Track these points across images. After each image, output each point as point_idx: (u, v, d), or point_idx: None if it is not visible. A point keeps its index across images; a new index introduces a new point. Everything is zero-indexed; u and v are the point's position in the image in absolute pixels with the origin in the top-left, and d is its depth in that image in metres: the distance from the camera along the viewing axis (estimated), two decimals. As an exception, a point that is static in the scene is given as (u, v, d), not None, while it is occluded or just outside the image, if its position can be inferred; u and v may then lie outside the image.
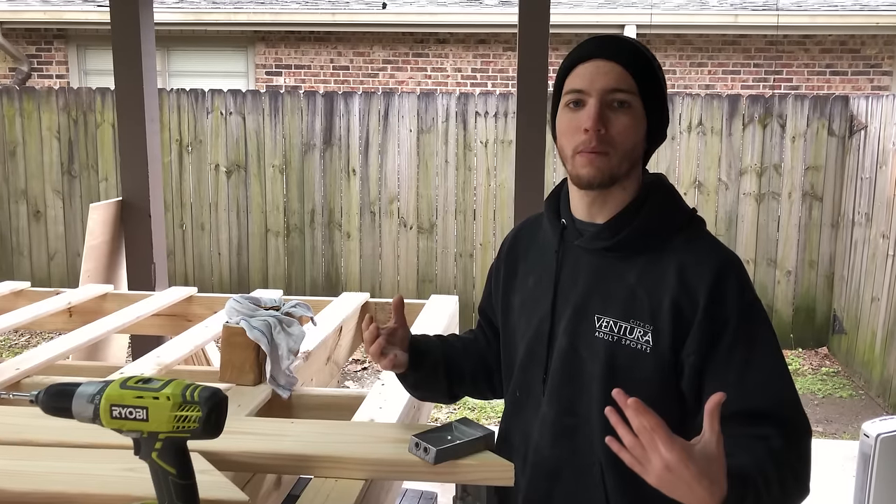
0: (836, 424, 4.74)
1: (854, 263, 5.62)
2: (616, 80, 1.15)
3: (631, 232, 1.19)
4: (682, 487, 0.93)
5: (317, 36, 7.57)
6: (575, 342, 1.21)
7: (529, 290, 1.30)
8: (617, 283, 1.19)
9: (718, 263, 1.16)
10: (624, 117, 1.15)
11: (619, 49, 1.17)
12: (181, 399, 0.98)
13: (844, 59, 7.33)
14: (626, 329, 1.16)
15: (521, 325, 1.30)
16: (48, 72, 7.78)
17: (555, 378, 1.23)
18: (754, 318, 1.14)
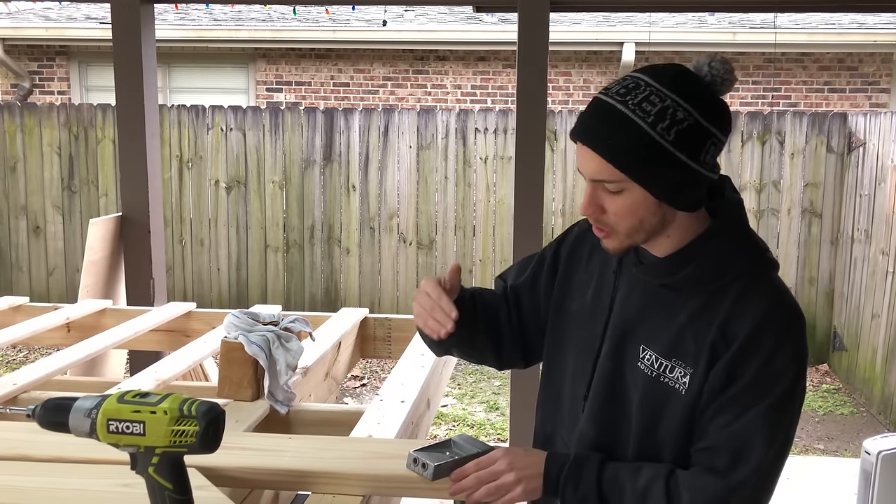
0: (836, 442, 4.71)
1: (854, 280, 5.62)
2: (598, 172, 1.10)
3: (689, 273, 1.14)
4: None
5: (317, 53, 7.62)
6: (620, 368, 1.20)
7: (587, 302, 1.28)
8: (667, 318, 1.16)
9: (762, 320, 1.11)
10: (618, 199, 1.11)
11: (602, 137, 1.09)
12: (178, 413, 0.98)
13: (842, 77, 7.37)
14: (667, 367, 1.15)
15: (573, 335, 1.30)
16: (50, 88, 7.82)
17: (597, 398, 1.22)
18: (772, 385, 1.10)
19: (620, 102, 1.08)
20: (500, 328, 1.38)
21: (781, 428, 1.11)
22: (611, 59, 7.43)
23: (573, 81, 7.56)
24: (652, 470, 1.14)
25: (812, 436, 4.81)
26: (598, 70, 7.52)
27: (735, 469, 1.09)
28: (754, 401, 1.09)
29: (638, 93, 1.08)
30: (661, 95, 1.07)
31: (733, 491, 1.09)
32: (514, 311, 1.38)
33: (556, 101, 7.49)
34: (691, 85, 1.09)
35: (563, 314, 1.32)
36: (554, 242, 1.39)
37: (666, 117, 1.06)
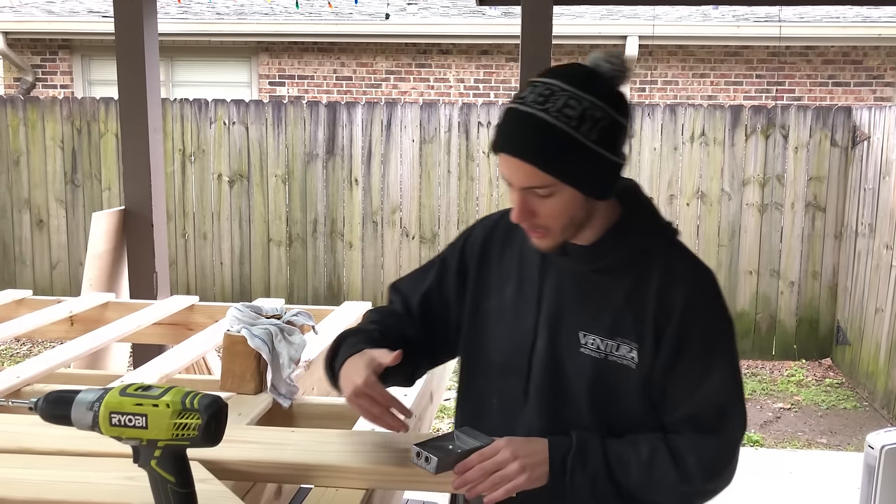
0: (840, 436, 4.71)
1: (857, 274, 5.60)
2: (528, 179, 1.14)
3: (617, 255, 1.23)
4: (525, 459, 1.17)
5: (320, 46, 7.60)
6: (559, 357, 1.25)
7: (508, 299, 1.31)
8: (604, 300, 1.23)
9: (691, 286, 1.22)
10: (549, 202, 1.16)
11: (526, 144, 1.13)
12: (181, 406, 0.98)
13: (847, 71, 7.34)
14: (613, 346, 1.22)
15: (496, 333, 1.32)
16: (52, 82, 7.82)
17: (542, 391, 1.27)
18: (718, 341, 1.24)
19: (542, 111, 1.12)
20: (411, 348, 1.34)
21: (738, 370, 1.26)
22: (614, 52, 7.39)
23: (576, 75, 7.53)
24: (649, 441, 1.22)
25: (815, 430, 4.80)
26: (602, 64, 7.49)
27: (724, 424, 1.23)
28: (712, 359, 1.22)
29: (555, 99, 1.12)
30: (578, 98, 1.12)
31: (732, 442, 1.24)
32: (420, 324, 1.39)
33: (560, 94, 7.46)
34: (600, 84, 1.15)
35: (480, 315, 1.34)
36: (457, 244, 1.41)
37: (587, 119, 1.12)
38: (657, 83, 7.46)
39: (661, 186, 6.01)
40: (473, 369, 1.37)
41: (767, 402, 5.25)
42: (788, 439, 4.65)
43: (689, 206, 6.01)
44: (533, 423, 1.27)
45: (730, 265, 6.01)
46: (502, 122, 1.18)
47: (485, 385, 1.34)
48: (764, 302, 6.02)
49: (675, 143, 5.98)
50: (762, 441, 4.57)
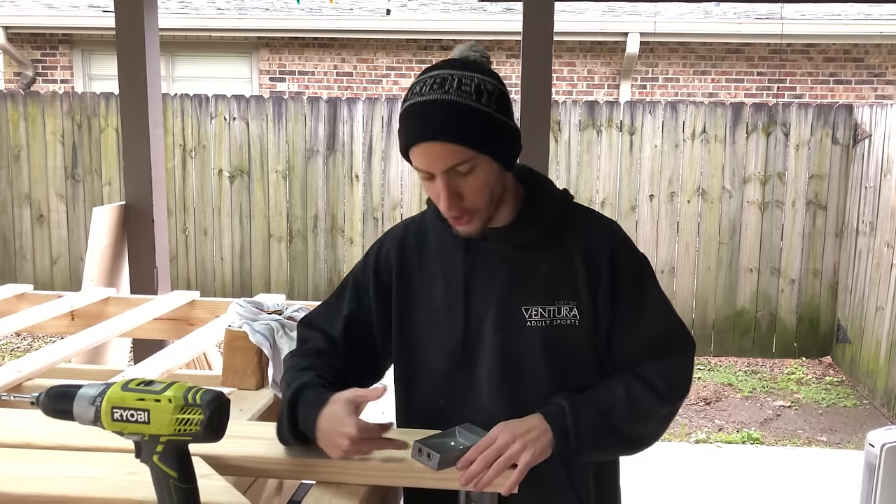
0: (840, 434, 4.71)
1: (858, 273, 5.60)
2: (450, 158, 1.18)
3: (534, 229, 1.31)
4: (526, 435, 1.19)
5: (321, 42, 7.59)
6: (506, 338, 1.30)
7: (437, 301, 1.33)
8: (533, 273, 1.30)
9: (607, 237, 1.34)
10: (471, 179, 1.21)
11: (442, 125, 1.18)
12: (183, 402, 0.98)
13: (848, 69, 7.33)
14: (554, 311, 1.29)
15: (430, 338, 1.33)
16: (53, 76, 7.81)
17: (494, 376, 1.31)
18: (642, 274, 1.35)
19: (443, 94, 1.19)
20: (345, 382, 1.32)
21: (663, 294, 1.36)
22: (615, 49, 7.39)
23: (577, 72, 7.53)
24: (619, 380, 1.30)
25: (815, 428, 4.81)
26: (603, 61, 7.49)
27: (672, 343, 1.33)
28: (644, 291, 1.33)
29: (450, 82, 1.20)
30: (468, 77, 1.21)
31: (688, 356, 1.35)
32: (347, 353, 1.39)
33: (560, 91, 7.46)
34: (477, 64, 1.26)
35: (410, 325, 1.35)
36: (367, 265, 1.40)
37: (483, 92, 1.20)
38: (658, 80, 7.46)
39: (662, 184, 6.00)
40: (412, 379, 1.38)
41: (767, 399, 5.25)
42: (788, 437, 4.65)
43: (690, 203, 6.00)
44: (497, 413, 1.28)
45: (730, 263, 6.01)
46: (407, 118, 1.21)
47: (428, 391, 1.36)
48: (764, 300, 6.02)
49: (676, 140, 5.97)
50: (762, 439, 4.57)
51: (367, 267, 1.41)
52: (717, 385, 5.46)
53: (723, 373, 5.73)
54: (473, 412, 1.32)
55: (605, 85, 7.52)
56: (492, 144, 1.21)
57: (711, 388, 5.40)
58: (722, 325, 6.05)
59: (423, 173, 1.23)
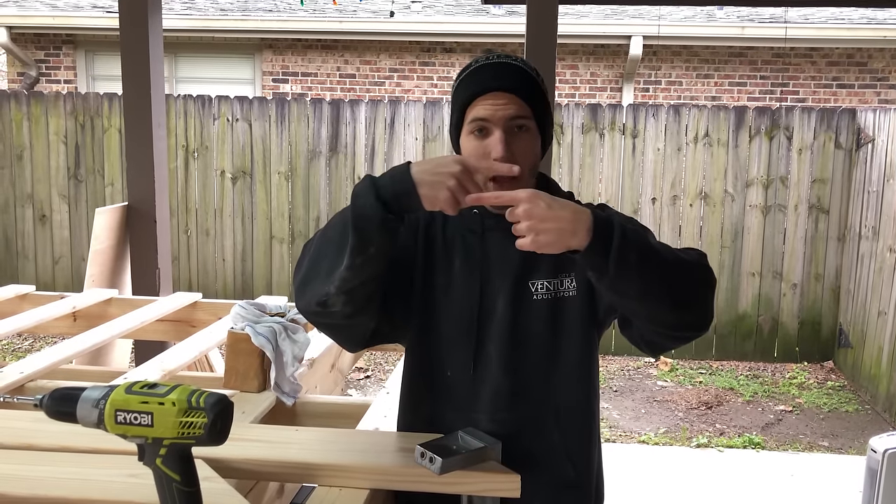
0: (841, 439, 4.70)
1: (860, 277, 5.59)
2: (516, 110, 1.27)
3: None
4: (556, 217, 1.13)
5: (324, 44, 7.60)
6: (517, 312, 1.34)
7: (456, 273, 1.36)
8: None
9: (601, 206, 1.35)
10: (525, 140, 1.29)
11: (514, 80, 1.28)
12: (187, 405, 0.97)
13: (851, 73, 7.33)
14: (557, 283, 1.34)
15: (449, 305, 1.36)
16: (56, 77, 7.82)
17: (503, 350, 1.33)
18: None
19: (512, 61, 1.32)
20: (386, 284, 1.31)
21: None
22: (618, 52, 7.39)
23: (580, 75, 7.53)
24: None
25: (817, 433, 4.80)
26: (606, 63, 7.49)
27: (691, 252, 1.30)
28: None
29: (518, 58, 1.34)
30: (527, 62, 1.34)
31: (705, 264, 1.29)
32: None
33: (563, 94, 7.46)
34: None
35: (429, 289, 1.37)
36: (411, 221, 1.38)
37: (539, 75, 1.34)
38: (661, 83, 7.45)
39: (665, 187, 6.00)
40: (424, 344, 1.39)
41: (769, 404, 5.25)
42: (790, 442, 4.64)
43: (693, 206, 6.00)
44: (501, 384, 1.33)
45: (732, 266, 6.00)
46: (475, 73, 1.30)
47: (437, 358, 1.37)
48: (766, 304, 6.02)
49: (678, 143, 5.97)
50: (763, 443, 4.56)
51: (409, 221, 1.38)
52: (719, 389, 5.45)
53: (724, 377, 5.73)
54: (478, 383, 1.35)
55: (608, 88, 7.52)
56: (544, 118, 1.32)
57: (713, 392, 5.39)
58: (724, 329, 6.05)
59: (478, 125, 1.27)
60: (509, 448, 1.29)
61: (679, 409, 5.11)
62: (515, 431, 1.33)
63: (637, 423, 4.86)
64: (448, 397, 1.37)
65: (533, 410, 1.35)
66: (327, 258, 1.21)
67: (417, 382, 1.41)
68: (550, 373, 1.35)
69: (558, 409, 1.35)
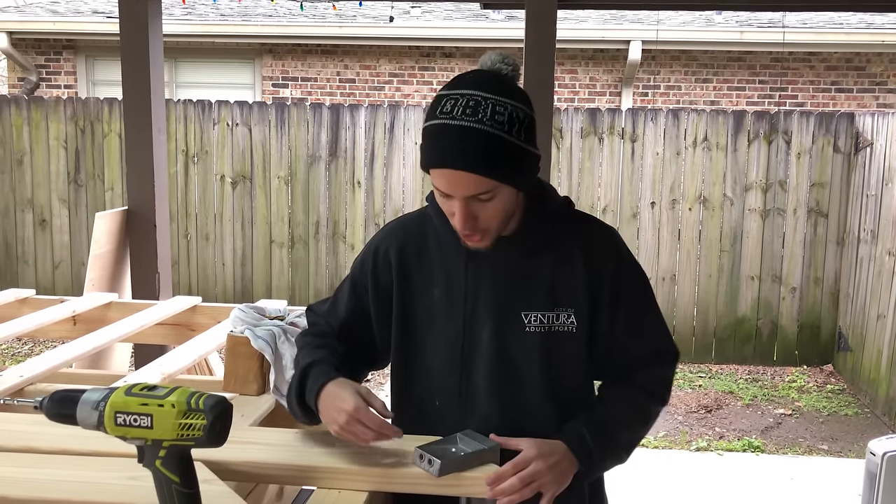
0: (841, 443, 4.70)
1: (860, 280, 5.60)
2: (476, 187, 1.19)
3: (539, 236, 1.32)
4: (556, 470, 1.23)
5: (324, 49, 7.62)
6: (505, 342, 1.31)
7: (437, 301, 1.34)
8: (535, 279, 1.31)
9: (611, 247, 1.37)
10: (490, 205, 1.22)
11: (473, 155, 1.17)
12: (186, 407, 0.98)
13: (850, 77, 7.35)
14: (553, 317, 1.31)
15: (428, 336, 1.35)
16: (57, 82, 7.83)
17: (491, 379, 1.32)
18: (644, 284, 1.39)
19: (476, 122, 1.17)
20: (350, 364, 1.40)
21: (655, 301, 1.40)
22: (617, 56, 7.41)
23: (579, 79, 7.55)
24: (621, 391, 1.37)
25: (816, 436, 4.80)
26: (605, 68, 7.51)
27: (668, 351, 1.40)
28: (644, 301, 1.37)
29: (483, 109, 1.17)
30: (502, 104, 1.18)
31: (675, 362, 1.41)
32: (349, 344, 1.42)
33: (562, 98, 7.47)
34: (510, 85, 1.23)
35: (410, 324, 1.36)
36: (365, 264, 1.41)
37: (514, 122, 1.19)
38: (660, 88, 7.47)
39: (664, 191, 6.01)
40: (409, 376, 1.39)
41: (768, 407, 5.25)
42: (789, 445, 4.64)
43: (692, 210, 6.01)
44: (489, 413, 1.33)
45: (731, 270, 6.01)
46: (434, 137, 1.20)
47: (424, 389, 1.37)
48: (765, 307, 6.02)
49: (677, 147, 5.98)
50: (763, 447, 4.56)
51: (364, 267, 1.42)
52: (718, 393, 5.46)
53: (724, 381, 5.73)
54: (468, 413, 1.34)
55: (607, 92, 7.54)
56: (516, 176, 1.22)
57: (712, 395, 5.39)
58: (723, 333, 6.05)
59: (441, 192, 1.24)
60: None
61: (678, 413, 5.11)
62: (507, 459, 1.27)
63: (637, 427, 4.86)
64: (434, 426, 1.35)
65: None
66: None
67: (405, 410, 1.41)
68: (544, 406, 1.33)
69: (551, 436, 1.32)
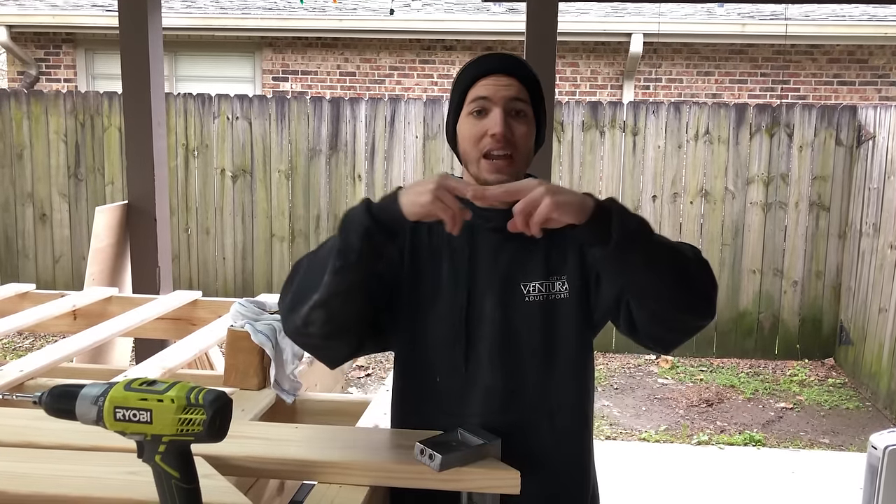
0: (842, 436, 4.70)
1: (861, 274, 5.59)
2: (517, 91, 1.32)
3: None
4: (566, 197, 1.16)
5: (324, 42, 7.59)
6: (508, 313, 1.34)
7: (444, 275, 1.36)
8: (531, 249, 1.35)
9: None
10: (522, 124, 1.33)
11: (516, 66, 1.34)
12: (186, 402, 0.97)
13: (852, 70, 7.32)
14: (549, 286, 1.35)
15: (436, 309, 1.36)
16: (56, 75, 7.82)
17: (493, 349, 1.34)
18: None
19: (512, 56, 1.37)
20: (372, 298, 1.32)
21: None
22: (619, 49, 7.39)
23: (580, 72, 7.52)
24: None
25: (817, 430, 4.80)
26: (606, 61, 7.48)
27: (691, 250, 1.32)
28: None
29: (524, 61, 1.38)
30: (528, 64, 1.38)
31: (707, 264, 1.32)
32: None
33: (563, 91, 7.45)
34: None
35: (417, 294, 1.37)
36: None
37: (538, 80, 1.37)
38: (661, 81, 7.45)
39: (665, 184, 6.00)
40: (413, 352, 1.39)
41: (770, 401, 5.25)
42: (791, 439, 4.64)
43: (693, 204, 6.00)
44: (491, 385, 1.34)
45: (733, 264, 6.00)
46: (477, 60, 1.35)
47: (426, 366, 1.37)
48: (767, 301, 6.01)
49: (679, 140, 5.96)
50: (764, 440, 4.56)
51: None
52: (720, 387, 5.45)
53: (725, 374, 5.73)
54: (469, 387, 1.35)
55: (609, 85, 7.52)
56: (540, 111, 1.36)
57: (713, 389, 5.39)
58: (724, 327, 6.04)
59: (479, 105, 1.31)
60: (502, 449, 1.29)
61: (680, 407, 5.11)
62: (508, 433, 1.32)
63: (638, 421, 4.86)
64: (438, 402, 1.37)
65: (526, 412, 1.35)
66: (317, 274, 1.23)
67: (407, 388, 1.41)
68: (543, 375, 1.36)
69: (552, 411, 1.36)
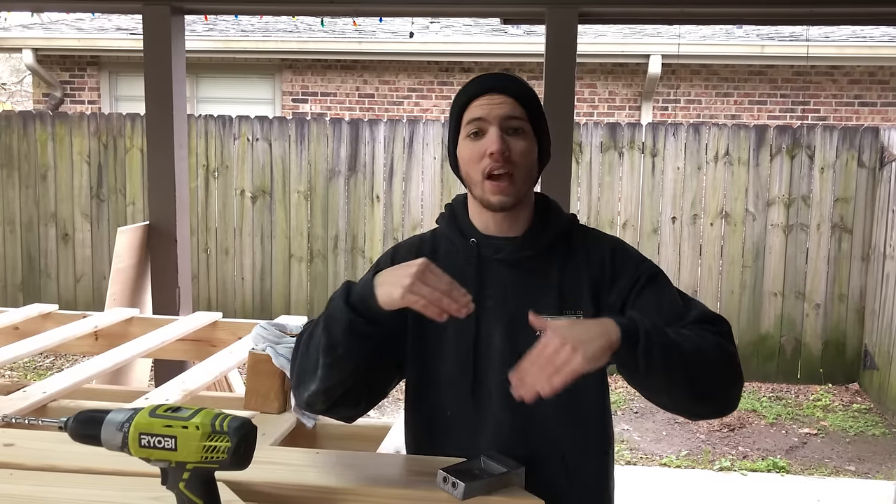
0: (868, 464, 4.61)
1: (886, 297, 5.51)
2: (511, 109, 1.31)
3: (546, 237, 1.36)
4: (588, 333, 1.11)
5: (343, 64, 7.66)
6: (517, 346, 1.29)
7: None
8: (544, 282, 1.33)
9: (614, 244, 1.39)
10: (521, 141, 1.31)
11: (509, 83, 1.33)
12: (210, 429, 0.97)
13: (873, 91, 7.27)
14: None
15: (444, 345, 1.34)
16: (80, 97, 7.94)
17: (505, 383, 1.25)
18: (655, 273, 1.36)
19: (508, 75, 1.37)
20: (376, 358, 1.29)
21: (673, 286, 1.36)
22: (637, 71, 7.39)
23: (599, 93, 7.53)
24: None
25: (843, 457, 4.70)
26: (624, 82, 7.49)
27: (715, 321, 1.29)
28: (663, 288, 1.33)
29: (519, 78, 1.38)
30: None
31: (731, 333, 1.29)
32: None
33: (582, 113, 7.46)
34: None
35: (424, 333, 1.35)
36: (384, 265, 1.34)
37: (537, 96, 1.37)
38: (680, 102, 7.43)
39: (685, 206, 5.96)
40: (422, 388, 1.37)
41: (793, 426, 5.16)
42: (815, 466, 4.55)
43: (713, 226, 5.95)
44: (502, 419, 1.31)
45: (754, 286, 5.94)
46: (472, 81, 1.35)
47: (436, 400, 1.36)
48: (789, 324, 5.94)
49: (698, 162, 5.94)
50: (788, 467, 4.48)
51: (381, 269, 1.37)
52: (741, 411, 5.37)
53: (747, 399, 5.64)
54: (480, 421, 1.33)
55: (627, 107, 7.51)
56: (540, 128, 1.35)
57: (735, 414, 5.31)
58: (745, 350, 5.97)
59: (475, 126, 1.30)
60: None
61: (701, 431, 5.04)
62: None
63: (658, 446, 4.80)
64: (448, 437, 1.34)
65: (537, 449, 1.32)
66: (312, 361, 1.24)
67: (418, 420, 1.40)
68: (556, 410, 1.31)
69: (564, 449, 1.32)
